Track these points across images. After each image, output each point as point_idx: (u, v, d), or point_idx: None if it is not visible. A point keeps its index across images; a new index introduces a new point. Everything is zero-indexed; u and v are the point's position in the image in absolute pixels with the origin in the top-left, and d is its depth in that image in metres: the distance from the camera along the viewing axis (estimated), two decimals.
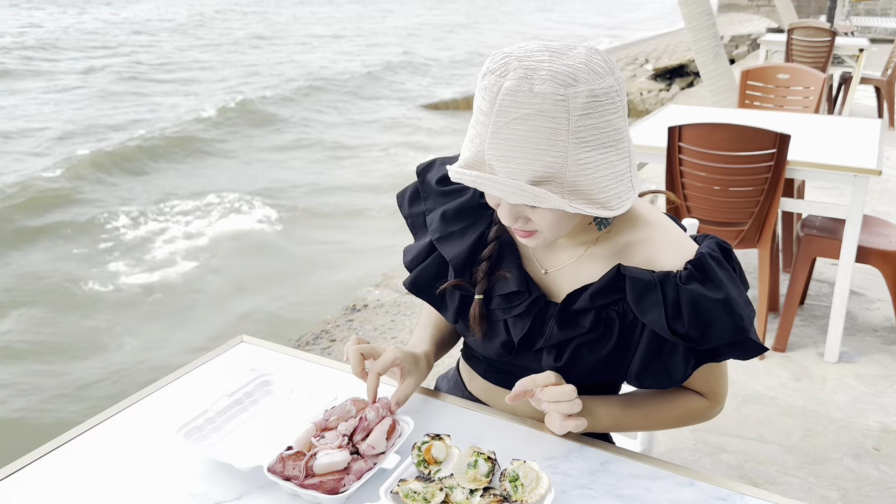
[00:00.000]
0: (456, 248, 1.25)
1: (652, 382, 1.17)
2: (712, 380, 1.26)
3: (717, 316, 1.10)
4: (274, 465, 1.04)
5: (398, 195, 1.39)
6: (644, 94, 13.47)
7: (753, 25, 18.60)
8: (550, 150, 0.98)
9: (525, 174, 0.99)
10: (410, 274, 1.32)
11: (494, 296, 1.24)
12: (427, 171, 1.34)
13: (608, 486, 1.07)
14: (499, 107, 0.98)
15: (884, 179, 5.80)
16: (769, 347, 1.25)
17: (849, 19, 12.58)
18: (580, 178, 1.01)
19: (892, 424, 2.75)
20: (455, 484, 1.02)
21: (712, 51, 6.34)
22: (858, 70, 7.53)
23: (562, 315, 1.18)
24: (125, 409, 1.25)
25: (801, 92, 4.75)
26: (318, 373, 1.36)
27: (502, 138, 0.99)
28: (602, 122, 1.00)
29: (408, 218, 1.36)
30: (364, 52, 24.68)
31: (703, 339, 1.12)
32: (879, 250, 3.04)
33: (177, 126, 12.86)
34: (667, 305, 1.11)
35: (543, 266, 1.24)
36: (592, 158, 1.01)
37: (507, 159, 0.99)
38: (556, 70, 0.98)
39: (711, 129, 2.96)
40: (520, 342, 1.21)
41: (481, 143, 1.01)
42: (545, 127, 0.97)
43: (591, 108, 0.98)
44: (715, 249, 1.15)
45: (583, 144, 0.99)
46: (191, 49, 25.06)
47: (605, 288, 1.16)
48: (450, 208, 1.28)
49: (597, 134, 1.00)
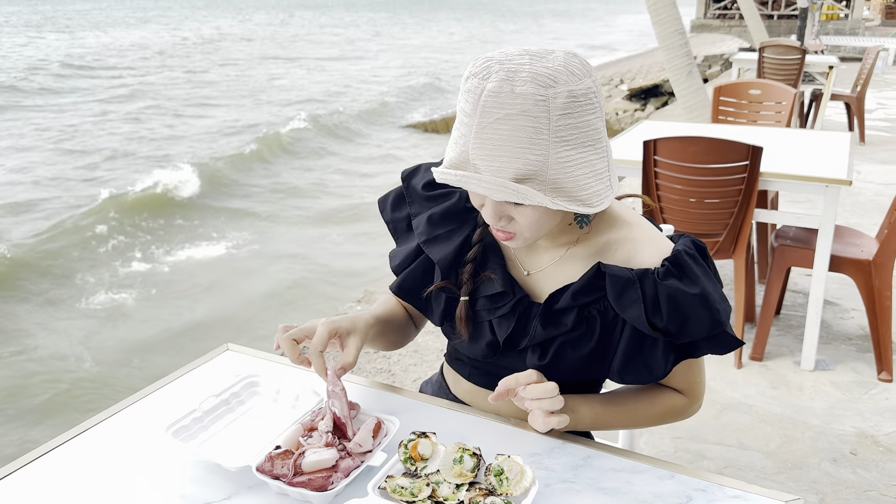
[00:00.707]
0: (443, 251, 1.28)
1: (633, 378, 1.21)
2: (690, 376, 1.30)
3: (695, 310, 1.15)
4: (262, 465, 1.05)
5: (380, 200, 1.41)
6: (620, 114, 13.64)
7: (726, 45, 18.91)
8: (532, 149, 1.02)
9: (508, 172, 1.02)
10: (397, 278, 1.34)
11: (479, 297, 1.26)
12: (412, 176, 1.37)
13: (591, 480, 1.10)
14: (482, 108, 1.02)
15: (855, 192, 5.92)
16: (744, 342, 1.29)
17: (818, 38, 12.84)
18: (561, 175, 1.04)
19: (868, 429, 2.80)
20: (441, 479, 1.04)
21: (685, 69, 6.46)
22: (829, 86, 7.69)
23: (545, 314, 1.21)
24: (113, 415, 1.25)
25: (773, 107, 4.85)
26: (303, 377, 1.38)
27: (486, 138, 1.02)
28: (581, 121, 1.05)
29: (390, 223, 1.39)
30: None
31: (682, 333, 1.16)
32: (852, 259, 3.10)
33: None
34: (646, 301, 1.15)
35: (526, 268, 1.28)
36: (572, 157, 1.05)
37: (490, 158, 1.02)
38: (537, 72, 1.02)
39: (686, 143, 3.02)
40: (505, 342, 1.24)
41: (465, 144, 1.05)
42: (527, 126, 1.01)
43: (570, 109, 1.03)
44: (690, 247, 1.19)
45: (563, 143, 1.03)
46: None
47: (586, 286, 1.19)
48: (436, 212, 1.30)
49: (576, 133, 1.04)
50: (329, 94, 20.08)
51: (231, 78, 23.15)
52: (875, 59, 7.66)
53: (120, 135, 14.64)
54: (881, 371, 3.16)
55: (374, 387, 1.35)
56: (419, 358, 3.43)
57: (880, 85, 11.83)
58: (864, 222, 5.21)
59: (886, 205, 5.62)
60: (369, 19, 62.96)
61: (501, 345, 1.25)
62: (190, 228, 9.13)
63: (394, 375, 3.31)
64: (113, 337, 6.18)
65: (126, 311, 6.68)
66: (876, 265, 3.05)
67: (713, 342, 1.20)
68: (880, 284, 3.06)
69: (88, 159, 12.72)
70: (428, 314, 1.34)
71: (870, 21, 24.24)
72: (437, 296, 1.31)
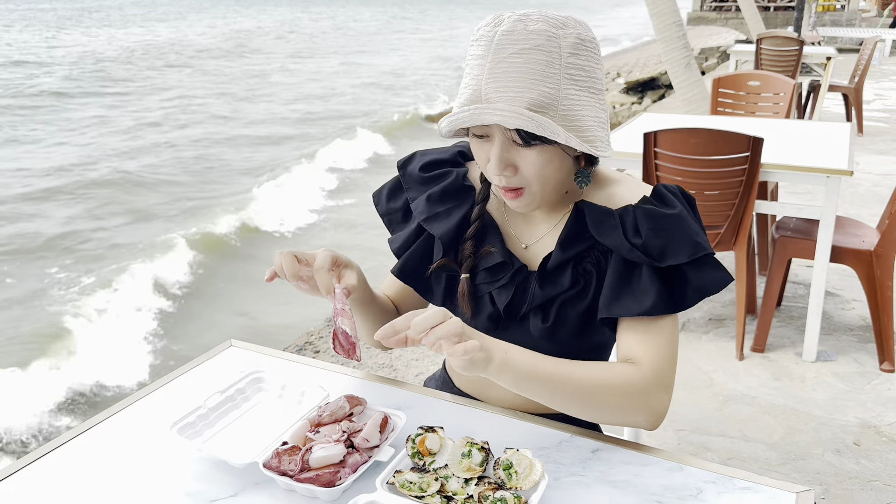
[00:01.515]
0: (444, 227, 1.30)
1: (622, 309, 1.18)
2: (649, 342, 1.18)
3: (673, 230, 1.17)
4: (269, 461, 1.04)
5: (374, 194, 1.43)
6: (617, 108, 13.62)
7: (722, 38, 18.89)
8: (546, 81, 1.07)
9: (523, 101, 1.07)
10: (398, 261, 1.36)
11: (479, 271, 1.29)
12: (408, 163, 1.40)
13: (600, 473, 1.09)
14: (496, 46, 1.08)
15: (854, 183, 5.92)
16: (734, 278, 1.24)
17: (815, 30, 12.82)
18: (571, 112, 1.10)
19: (870, 420, 2.79)
20: (450, 474, 1.03)
21: (683, 61, 6.44)
22: (826, 77, 7.68)
23: (541, 276, 1.24)
24: (117, 413, 1.25)
25: (772, 98, 4.84)
26: (308, 373, 1.37)
27: (500, 72, 1.07)
28: (588, 65, 1.12)
29: (384, 215, 1.41)
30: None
31: (664, 254, 1.16)
32: (854, 249, 3.10)
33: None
34: (625, 227, 1.18)
35: (523, 241, 1.30)
36: (581, 98, 1.11)
37: (505, 89, 1.07)
38: (548, 15, 1.11)
39: (686, 134, 3.01)
40: (506, 312, 1.25)
41: (478, 82, 1.10)
42: (540, 59, 1.07)
43: (578, 50, 1.10)
44: (673, 187, 1.23)
45: (572, 81, 1.09)
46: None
47: (571, 233, 1.23)
48: (434, 191, 1.33)
49: (583, 76, 1.11)
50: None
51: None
52: (872, 50, 7.65)
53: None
54: (883, 361, 3.15)
55: (379, 381, 1.34)
56: (421, 353, 3.42)
57: (877, 76, 11.82)
58: (864, 213, 5.21)
59: (885, 195, 5.61)
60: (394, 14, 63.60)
61: (503, 314, 1.25)
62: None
63: (396, 371, 3.30)
64: None
65: None
66: (877, 255, 3.04)
67: (699, 270, 1.17)
68: (881, 275, 3.06)
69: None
70: (428, 296, 1.36)
71: (866, 12, 24.21)
72: (437, 276, 1.33)
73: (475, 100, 1.09)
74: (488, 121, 1.07)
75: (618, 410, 1.14)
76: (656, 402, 1.16)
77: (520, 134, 1.09)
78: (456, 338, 0.99)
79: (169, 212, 9.43)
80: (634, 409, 1.14)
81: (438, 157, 1.38)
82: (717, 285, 1.19)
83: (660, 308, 1.16)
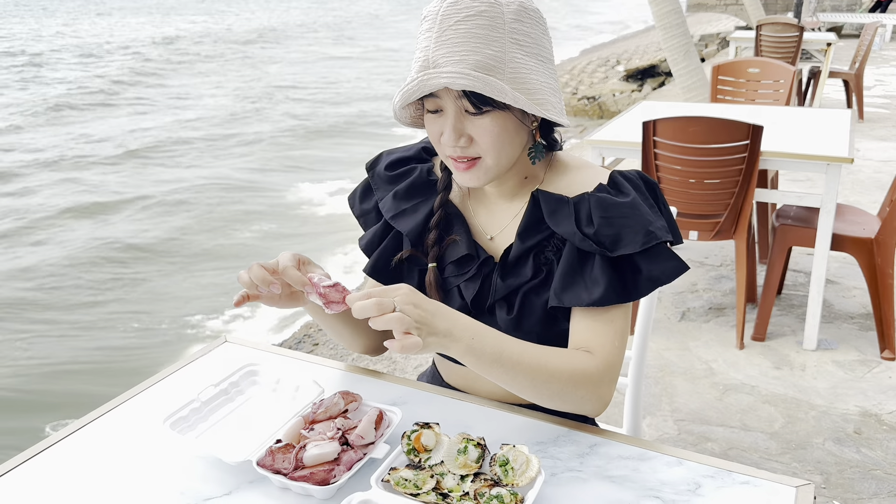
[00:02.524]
0: (411, 223, 1.30)
1: (572, 298, 1.18)
2: (600, 332, 1.18)
3: (626, 218, 1.17)
4: (263, 459, 1.03)
5: (349, 198, 1.44)
6: (616, 96, 13.56)
7: (722, 24, 18.79)
8: (491, 45, 1.09)
9: (469, 63, 1.08)
10: (369, 260, 1.35)
11: (447, 264, 1.29)
12: (375, 164, 1.40)
13: (597, 468, 1.08)
14: (441, 17, 1.10)
15: (854, 170, 5.89)
16: (690, 266, 1.22)
17: (815, 15, 12.76)
18: (519, 75, 1.11)
19: (871, 408, 2.79)
20: (445, 471, 1.02)
21: (683, 48, 6.41)
22: (827, 64, 7.64)
23: (503, 268, 1.24)
24: (111, 410, 1.24)
25: (772, 85, 4.82)
26: (303, 368, 1.36)
27: (447, 38, 1.09)
28: (533, 32, 1.14)
29: (360, 217, 1.41)
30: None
31: (616, 244, 1.16)
32: (854, 237, 3.08)
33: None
34: (579, 214, 1.19)
35: (488, 232, 1.30)
36: (528, 63, 1.12)
37: (451, 54, 1.09)
38: None
39: (686, 123, 2.99)
40: (474, 305, 1.26)
41: (426, 52, 1.11)
42: (484, 24, 1.09)
43: (521, 17, 1.12)
44: (631, 174, 1.23)
45: (518, 46, 1.11)
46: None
47: (530, 223, 1.23)
48: (400, 188, 1.33)
49: (529, 42, 1.13)
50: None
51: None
52: (873, 36, 7.60)
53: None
54: (884, 349, 3.14)
55: (373, 376, 1.33)
56: None
57: (878, 61, 11.75)
58: (864, 200, 5.18)
59: (886, 182, 5.59)
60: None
61: (471, 306, 1.26)
62: None
63: (395, 363, 3.30)
64: None
65: None
66: (878, 243, 3.03)
67: (651, 259, 1.17)
68: (882, 262, 3.04)
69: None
70: None
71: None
72: (409, 272, 1.33)
73: (424, 69, 1.10)
74: (435, 85, 1.08)
75: (568, 398, 1.14)
76: (605, 392, 1.17)
77: (470, 101, 1.10)
78: (403, 327, 0.98)
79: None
80: (584, 397, 1.15)
81: (403, 154, 1.38)
82: (670, 275, 1.18)
83: (610, 298, 1.16)
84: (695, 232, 3.18)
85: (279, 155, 11.52)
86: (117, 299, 6.30)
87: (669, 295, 3.77)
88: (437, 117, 1.16)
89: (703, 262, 4.16)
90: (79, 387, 4.92)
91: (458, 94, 1.11)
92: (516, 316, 1.22)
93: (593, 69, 16.45)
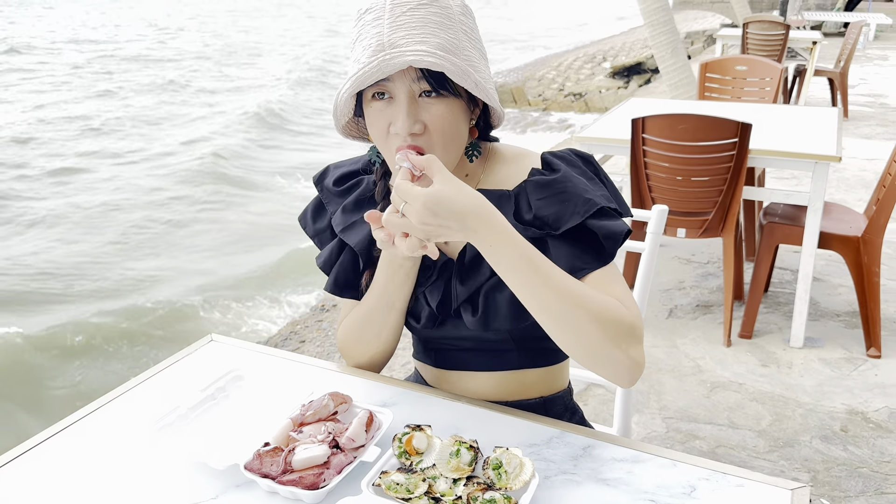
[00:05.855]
0: (359, 235, 1.27)
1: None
2: (611, 285, 1.14)
3: (561, 192, 1.15)
4: (251, 463, 1.01)
5: (299, 218, 1.39)
6: (603, 92, 13.58)
7: (708, 22, 18.85)
8: (447, 31, 1.09)
9: (432, 44, 1.06)
10: (329, 278, 1.31)
11: None
12: (323, 178, 1.36)
13: (591, 471, 1.06)
14: (391, 5, 1.08)
15: (840, 168, 5.92)
16: (630, 229, 1.18)
17: (801, 14, 12.81)
18: (471, 64, 1.10)
19: (857, 406, 2.79)
20: (438, 474, 1.01)
21: (670, 46, 6.40)
22: (812, 62, 7.67)
23: (460, 270, 1.22)
24: (95, 411, 1.21)
25: (759, 83, 4.82)
26: (291, 368, 1.34)
27: (402, 23, 1.07)
28: (475, 28, 1.16)
29: (314, 237, 1.36)
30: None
31: (559, 220, 1.14)
32: (841, 236, 3.09)
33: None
34: (518, 205, 1.18)
35: None
36: (475, 55, 1.13)
37: (411, 36, 1.06)
38: None
39: (674, 120, 2.98)
40: (440, 310, 1.24)
41: (380, 36, 1.07)
42: (438, 13, 1.09)
43: (465, 13, 1.14)
44: (564, 151, 1.22)
45: (467, 38, 1.12)
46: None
47: None
48: (349, 201, 1.30)
49: (473, 37, 1.14)
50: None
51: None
52: (858, 35, 7.64)
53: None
54: (870, 347, 3.16)
55: (363, 377, 1.31)
56: (406, 341, 3.39)
57: (862, 60, 11.82)
58: (849, 198, 5.21)
59: (871, 180, 5.62)
60: None
61: (437, 312, 1.24)
62: None
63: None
64: None
65: None
66: (864, 241, 3.04)
67: (601, 222, 1.13)
68: (869, 260, 3.05)
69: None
70: None
71: None
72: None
73: (379, 51, 1.05)
74: (400, 63, 1.03)
75: (602, 334, 1.03)
76: (635, 350, 1.08)
77: (429, 82, 1.07)
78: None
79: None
80: (618, 338, 1.05)
81: (350, 168, 1.34)
82: (618, 228, 1.14)
83: (579, 269, 1.12)
84: (682, 229, 3.18)
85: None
86: None
87: (657, 292, 3.77)
88: (385, 105, 1.10)
89: (691, 260, 4.17)
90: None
91: (417, 76, 1.07)
92: (482, 316, 1.19)
93: (580, 66, 16.47)
